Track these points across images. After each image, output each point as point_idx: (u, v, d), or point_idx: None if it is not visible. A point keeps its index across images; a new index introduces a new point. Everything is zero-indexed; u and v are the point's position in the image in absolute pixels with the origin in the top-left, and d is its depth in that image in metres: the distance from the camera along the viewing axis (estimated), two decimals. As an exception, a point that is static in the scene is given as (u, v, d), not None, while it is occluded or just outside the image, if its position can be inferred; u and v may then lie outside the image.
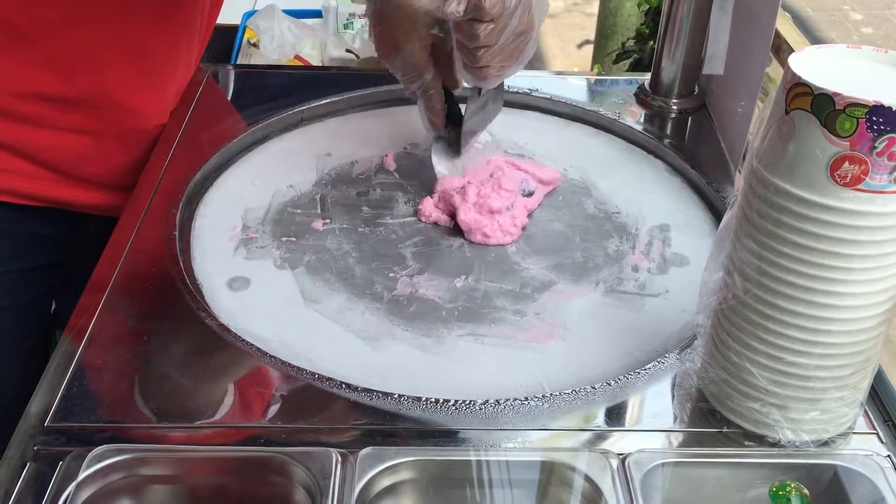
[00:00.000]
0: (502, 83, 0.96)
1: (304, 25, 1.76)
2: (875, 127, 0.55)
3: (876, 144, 0.56)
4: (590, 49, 3.27)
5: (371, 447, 0.66)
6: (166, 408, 0.71)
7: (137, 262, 0.85)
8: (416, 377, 0.76)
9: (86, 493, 0.63)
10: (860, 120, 0.56)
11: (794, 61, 0.60)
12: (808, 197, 0.59)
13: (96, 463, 0.64)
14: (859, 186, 0.57)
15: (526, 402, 0.71)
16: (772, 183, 0.61)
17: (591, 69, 2.90)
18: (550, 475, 0.66)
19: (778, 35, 1.02)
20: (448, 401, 0.71)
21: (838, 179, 0.58)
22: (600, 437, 0.69)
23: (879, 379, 0.72)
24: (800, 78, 0.58)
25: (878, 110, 0.55)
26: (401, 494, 0.66)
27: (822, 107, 0.57)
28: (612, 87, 1.21)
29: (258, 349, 0.76)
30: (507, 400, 0.71)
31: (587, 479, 0.65)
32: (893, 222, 0.58)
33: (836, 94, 0.56)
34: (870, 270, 0.60)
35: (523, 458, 0.67)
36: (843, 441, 0.68)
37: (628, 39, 2.17)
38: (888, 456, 0.67)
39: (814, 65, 0.60)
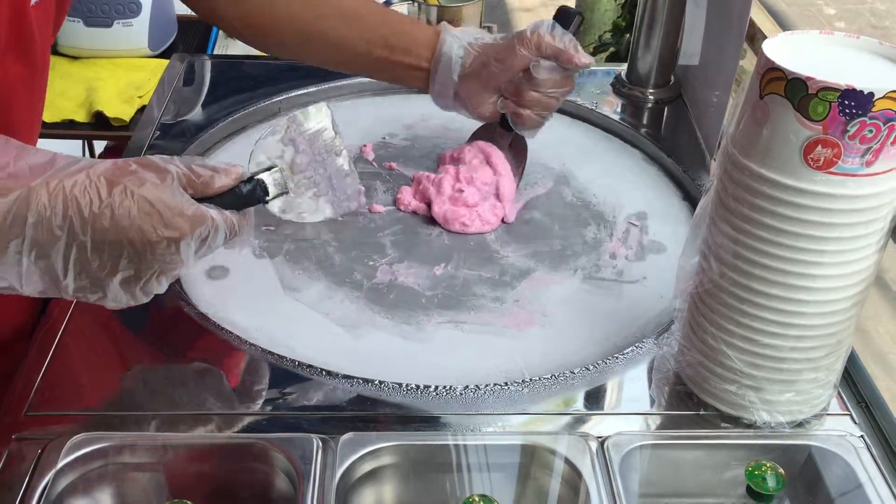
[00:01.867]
0: None
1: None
2: (847, 111, 0.56)
3: (848, 128, 0.57)
4: (567, 43, 3.28)
5: (352, 433, 0.66)
6: (146, 396, 0.71)
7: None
8: (397, 364, 0.76)
9: (65, 482, 0.63)
10: (832, 104, 0.57)
11: (767, 47, 0.61)
12: (782, 180, 0.60)
13: (75, 451, 0.64)
14: (832, 169, 0.58)
15: (506, 388, 0.72)
16: (746, 167, 0.61)
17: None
18: (531, 458, 0.67)
19: (752, 25, 1.04)
20: (429, 387, 0.71)
21: (811, 163, 0.59)
22: (580, 420, 0.70)
23: (852, 361, 0.73)
24: (773, 63, 0.59)
25: (850, 94, 0.56)
26: (382, 479, 0.66)
27: (796, 91, 0.58)
28: (589, 77, 1.22)
29: (238, 337, 0.76)
30: (487, 385, 0.72)
31: (567, 461, 0.65)
32: (865, 205, 0.59)
33: (809, 79, 0.57)
34: (843, 252, 0.61)
35: (504, 441, 0.68)
36: (818, 422, 0.69)
37: (605, 32, 2.19)
38: (861, 436, 0.68)
39: (787, 50, 0.61)
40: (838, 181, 0.58)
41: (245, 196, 0.68)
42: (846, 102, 0.56)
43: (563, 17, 0.92)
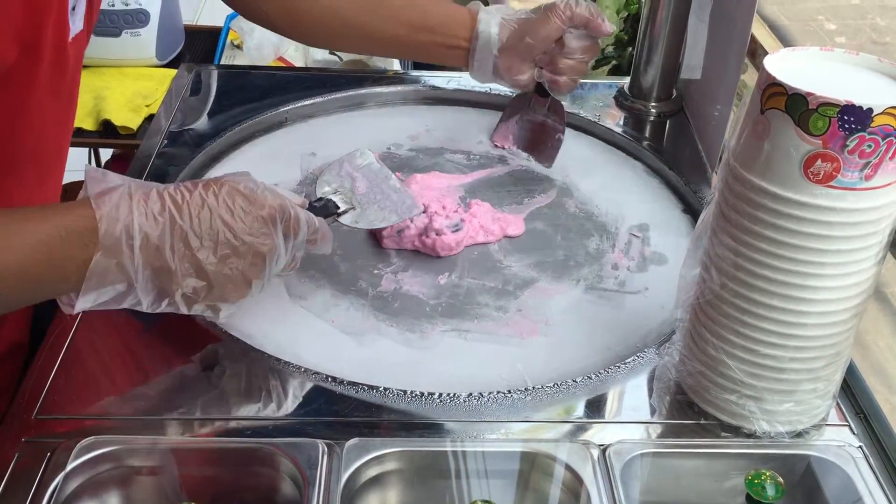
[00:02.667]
0: None
1: None
2: (846, 126, 0.58)
3: (847, 143, 0.58)
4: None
5: (357, 438, 0.67)
6: (154, 400, 0.71)
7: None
8: (401, 371, 0.77)
9: (74, 484, 0.64)
10: (832, 119, 0.58)
11: (769, 63, 0.62)
12: (782, 193, 0.61)
13: (84, 454, 0.65)
14: (831, 183, 0.59)
15: (509, 395, 0.73)
16: (747, 180, 0.63)
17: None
18: (533, 465, 0.68)
19: (754, 40, 1.05)
20: (433, 393, 0.72)
21: (811, 176, 0.60)
22: (581, 428, 0.71)
23: (851, 372, 0.74)
24: (774, 78, 0.60)
25: (849, 110, 0.57)
26: (386, 484, 0.67)
27: (796, 106, 0.59)
28: (593, 90, 1.23)
29: (245, 344, 0.77)
30: (490, 393, 0.73)
31: (568, 468, 0.66)
32: (864, 218, 0.60)
33: (810, 94, 0.58)
34: (842, 265, 0.62)
35: (506, 448, 0.69)
36: (817, 432, 0.70)
37: (607, 45, 2.19)
38: (860, 447, 0.69)
39: (788, 66, 0.62)
40: (838, 195, 0.60)
41: (318, 210, 0.80)
42: (846, 118, 0.57)
43: None
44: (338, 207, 0.84)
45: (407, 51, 1.06)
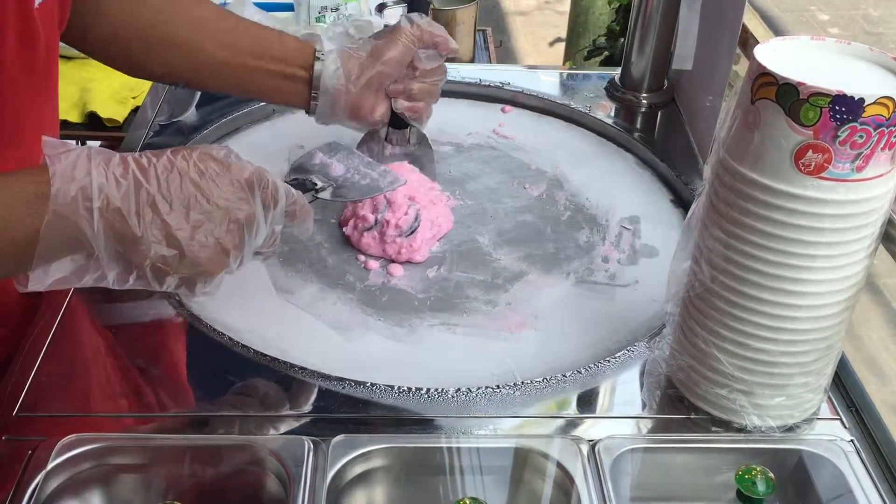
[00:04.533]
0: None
1: (275, 19, 1.74)
2: (838, 116, 0.57)
3: (839, 133, 0.57)
4: (561, 47, 3.28)
5: (343, 434, 0.66)
6: (136, 397, 0.70)
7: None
8: (389, 366, 0.76)
9: (54, 483, 0.63)
10: (823, 109, 0.57)
11: (759, 52, 0.61)
12: (773, 185, 0.60)
13: (65, 452, 0.64)
14: (823, 175, 0.59)
15: (498, 390, 0.72)
16: (738, 172, 0.62)
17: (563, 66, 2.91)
18: (522, 462, 0.67)
19: (745, 30, 1.04)
20: (420, 389, 0.71)
21: (802, 168, 0.59)
22: (571, 423, 0.70)
23: (843, 366, 0.73)
24: (765, 68, 0.59)
25: (840, 100, 0.56)
26: (373, 481, 0.66)
27: (787, 96, 0.58)
28: (584, 81, 1.22)
29: (230, 339, 0.76)
30: (479, 388, 0.72)
31: (558, 465, 0.65)
32: (856, 210, 0.60)
33: (801, 84, 0.57)
34: (834, 257, 0.61)
35: (495, 444, 0.68)
36: (808, 426, 0.70)
37: (599, 37, 2.19)
38: (851, 441, 0.68)
39: (779, 56, 0.61)
40: (829, 186, 0.59)
41: (296, 187, 0.74)
42: (837, 108, 0.56)
43: (415, 4, 0.93)
44: (315, 185, 0.81)
45: (233, 80, 0.90)
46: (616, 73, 1.18)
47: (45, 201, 0.58)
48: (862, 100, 0.56)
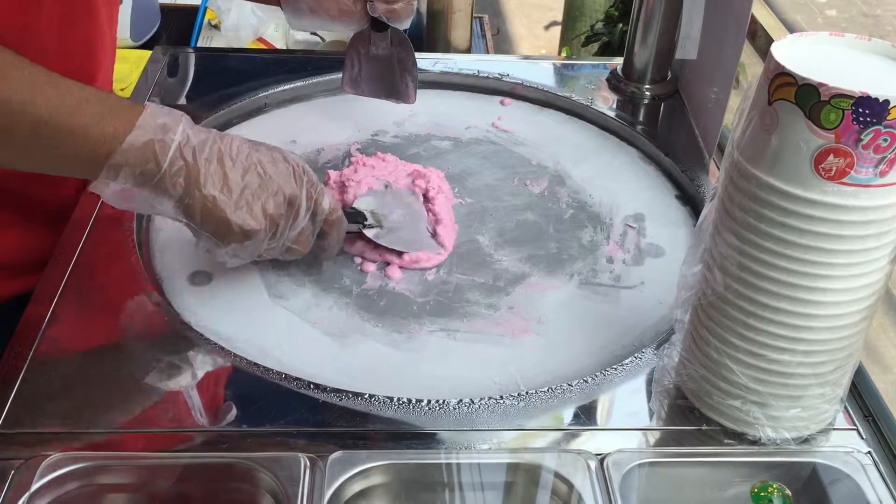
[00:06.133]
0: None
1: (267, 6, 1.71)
2: (861, 119, 0.54)
3: (862, 137, 0.54)
4: (557, 31, 3.24)
5: (341, 451, 0.63)
6: (124, 412, 0.68)
7: (93, 255, 0.81)
8: (387, 375, 0.73)
9: (40, 504, 0.60)
10: (846, 111, 0.54)
11: (777, 50, 0.58)
12: (791, 190, 0.57)
13: (50, 472, 0.61)
14: (844, 180, 0.56)
15: (501, 401, 0.69)
16: (754, 176, 0.59)
17: (559, 52, 2.87)
18: (528, 478, 0.64)
19: (753, 20, 1.00)
20: (421, 401, 0.69)
21: (823, 173, 0.56)
22: (577, 436, 0.68)
23: (858, 373, 0.71)
24: (783, 67, 0.56)
25: (864, 102, 0.53)
26: (373, 500, 0.64)
27: (807, 98, 0.55)
28: (585, 72, 1.19)
29: (221, 349, 0.73)
30: (481, 399, 0.69)
31: (565, 481, 0.63)
32: (878, 216, 0.57)
33: (822, 85, 0.54)
34: (854, 266, 0.58)
35: (499, 460, 0.65)
36: (824, 438, 0.67)
37: (597, 22, 2.15)
38: (868, 452, 0.66)
39: (796, 53, 0.58)
40: (851, 192, 0.56)
41: (349, 215, 0.82)
42: (860, 110, 0.53)
43: None
44: (366, 219, 0.84)
45: None
46: (618, 63, 1.15)
47: (135, 115, 0.68)
48: (887, 101, 0.53)
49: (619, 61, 1.15)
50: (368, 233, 0.84)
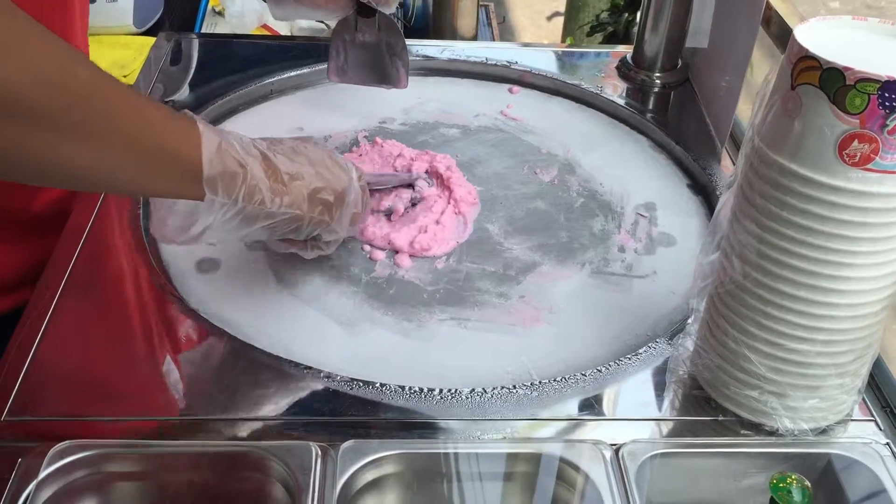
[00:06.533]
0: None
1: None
2: (887, 104, 0.53)
3: (887, 122, 0.53)
4: (560, 21, 3.22)
5: (353, 440, 0.62)
6: (133, 400, 0.67)
7: (99, 242, 0.80)
8: (398, 364, 0.72)
9: (47, 493, 0.59)
10: (872, 96, 0.53)
11: (799, 33, 0.57)
12: (814, 177, 0.56)
13: (58, 460, 0.60)
14: (869, 166, 0.55)
15: (514, 391, 0.68)
16: (775, 162, 0.58)
17: (563, 42, 2.85)
18: (542, 467, 0.63)
19: (768, 7, 0.99)
20: (433, 390, 0.68)
21: (847, 159, 0.55)
22: (590, 426, 0.67)
23: (877, 365, 0.70)
24: (807, 51, 0.55)
25: (891, 86, 0.52)
26: (385, 489, 0.63)
27: (832, 82, 0.54)
28: (593, 59, 1.18)
29: (231, 337, 0.72)
30: (493, 388, 0.68)
31: (580, 471, 0.62)
32: (903, 204, 0.56)
33: (847, 69, 0.53)
34: (877, 254, 0.57)
35: (512, 449, 0.64)
36: (841, 429, 0.66)
37: (602, 12, 2.13)
38: (887, 443, 0.65)
39: (819, 37, 0.57)
40: (876, 178, 0.55)
41: None
42: (887, 95, 0.52)
43: None
44: None
45: None
46: (628, 51, 1.14)
47: (193, 127, 0.63)
48: (914, 86, 0.52)
49: (625, 49, 1.14)
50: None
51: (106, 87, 0.57)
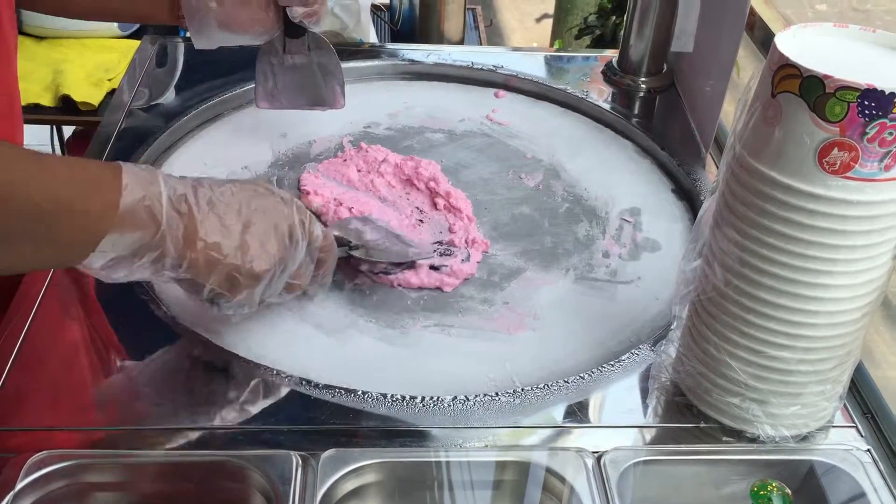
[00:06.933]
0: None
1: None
2: (867, 112, 0.53)
3: (867, 130, 0.53)
4: (548, 24, 3.22)
5: (334, 449, 0.62)
6: (112, 409, 0.66)
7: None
8: (381, 371, 0.72)
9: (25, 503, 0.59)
10: (851, 104, 0.53)
11: (780, 41, 0.57)
12: (794, 185, 0.56)
13: (35, 471, 0.59)
14: (848, 174, 0.55)
15: (496, 398, 0.68)
16: (756, 169, 0.58)
17: (551, 44, 2.86)
18: (523, 475, 0.63)
19: (752, 12, 0.99)
20: (415, 397, 0.67)
21: (826, 167, 0.55)
22: (573, 433, 0.66)
23: (858, 371, 0.70)
24: (788, 59, 0.55)
25: (870, 94, 0.52)
26: (366, 498, 0.62)
27: (812, 90, 0.54)
28: (578, 64, 1.18)
29: (211, 344, 0.71)
30: (476, 396, 0.68)
31: (561, 478, 0.62)
32: (883, 211, 0.56)
33: (827, 77, 0.53)
34: (857, 261, 0.57)
35: (495, 458, 0.64)
36: (823, 435, 0.66)
37: (590, 15, 2.13)
38: (868, 450, 0.65)
39: (800, 44, 0.57)
40: (855, 186, 0.55)
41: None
42: (866, 103, 0.52)
43: None
44: (349, 242, 0.79)
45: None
46: (613, 55, 1.14)
47: (116, 178, 0.59)
48: (893, 94, 0.52)
49: (612, 53, 1.14)
50: (358, 253, 0.79)
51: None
